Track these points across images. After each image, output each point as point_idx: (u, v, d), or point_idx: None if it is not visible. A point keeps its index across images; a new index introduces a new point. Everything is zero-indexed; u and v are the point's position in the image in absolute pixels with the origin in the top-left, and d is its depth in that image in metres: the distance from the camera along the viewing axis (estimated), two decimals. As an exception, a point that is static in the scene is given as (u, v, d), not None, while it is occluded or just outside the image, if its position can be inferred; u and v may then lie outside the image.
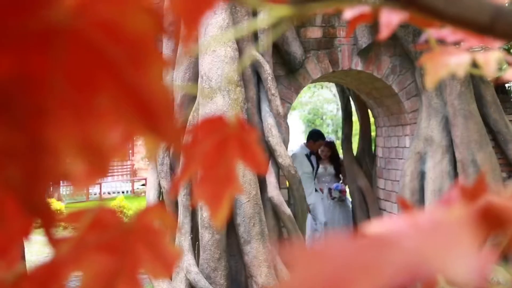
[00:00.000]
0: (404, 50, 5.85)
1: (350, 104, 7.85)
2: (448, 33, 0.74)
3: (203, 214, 4.99)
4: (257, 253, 4.96)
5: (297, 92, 5.84)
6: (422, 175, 5.87)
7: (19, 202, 0.37)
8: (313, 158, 7.36)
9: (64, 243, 0.48)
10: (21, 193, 0.36)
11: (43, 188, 0.36)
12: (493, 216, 0.27)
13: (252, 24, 5.14)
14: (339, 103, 9.08)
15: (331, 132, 20.88)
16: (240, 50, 5.19)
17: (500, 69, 0.74)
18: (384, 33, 0.67)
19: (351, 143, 7.67)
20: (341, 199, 7.36)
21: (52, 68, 0.33)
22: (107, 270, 0.51)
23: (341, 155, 7.80)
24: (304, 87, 5.95)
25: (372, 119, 7.35)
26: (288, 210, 5.25)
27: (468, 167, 5.63)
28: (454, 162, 5.75)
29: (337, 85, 7.93)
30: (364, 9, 0.66)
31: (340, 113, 9.68)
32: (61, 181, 0.36)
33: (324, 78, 6.36)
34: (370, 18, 0.69)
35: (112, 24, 0.33)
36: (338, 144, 9.29)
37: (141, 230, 0.52)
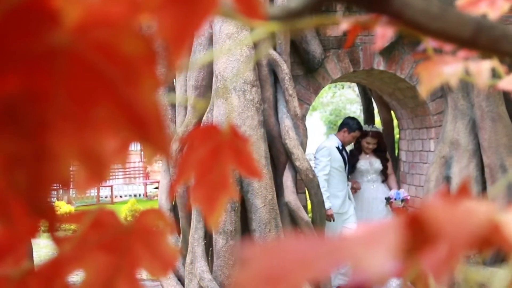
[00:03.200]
0: (429, 49, 5.87)
1: (372, 106, 7.88)
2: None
3: (217, 219, 5.06)
4: (272, 260, 5.01)
5: (316, 92, 5.89)
6: (447, 181, 5.88)
7: (24, 204, 0.43)
8: (345, 152, 6.38)
9: (67, 242, 0.55)
10: (26, 196, 0.43)
11: (46, 191, 0.43)
12: (418, 226, 0.33)
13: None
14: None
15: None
16: (257, 49, 5.25)
17: (494, 77, 0.79)
18: (379, 44, 0.72)
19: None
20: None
21: (54, 85, 0.39)
22: (108, 268, 0.57)
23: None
24: (323, 87, 6.00)
25: (395, 121, 7.37)
26: (306, 216, 5.30)
27: (497, 173, 5.63)
28: (481, 167, 5.75)
29: (358, 85, 7.97)
30: (358, 20, 0.72)
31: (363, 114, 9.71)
32: (68, 185, 0.42)
33: (345, 78, 6.40)
34: (366, 29, 0.75)
35: (108, 46, 0.39)
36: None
37: (140, 231, 0.58)
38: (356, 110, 21.26)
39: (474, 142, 5.79)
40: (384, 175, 6.65)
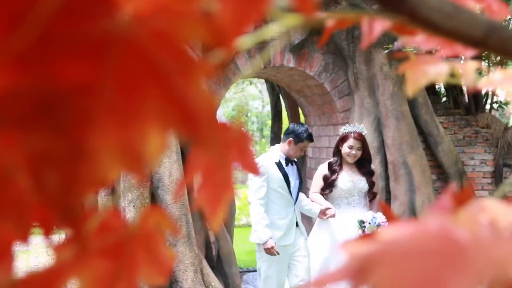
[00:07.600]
0: (337, 47, 6.01)
1: (280, 102, 7.98)
2: (422, 41, 0.79)
3: (126, 215, 4.95)
4: (183, 257, 4.97)
5: (227, 87, 5.88)
6: (353, 177, 6.06)
7: (52, 208, 0.39)
8: (291, 167, 5.00)
9: (67, 248, 0.50)
10: (56, 199, 0.38)
11: (79, 195, 0.38)
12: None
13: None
14: (265, 100, 9.17)
15: (256, 130, 21.03)
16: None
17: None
18: (367, 41, 0.71)
19: (280, 142, 7.79)
20: None
21: (103, 76, 0.35)
22: (107, 275, 0.53)
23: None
24: (234, 82, 6.01)
25: (302, 118, 7.50)
26: (215, 212, 5.28)
27: (399, 169, 5.86)
28: (385, 163, 5.97)
29: (267, 81, 8.04)
30: (344, 16, 0.71)
31: (265, 110, 9.78)
32: (103, 187, 0.38)
33: (255, 74, 6.44)
34: (348, 25, 0.73)
35: (166, 34, 0.35)
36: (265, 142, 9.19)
37: (141, 234, 0.54)
38: (258, 106, 21.46)
39: (378, 140, 5.99)
40: (370, 195, 4.93)
